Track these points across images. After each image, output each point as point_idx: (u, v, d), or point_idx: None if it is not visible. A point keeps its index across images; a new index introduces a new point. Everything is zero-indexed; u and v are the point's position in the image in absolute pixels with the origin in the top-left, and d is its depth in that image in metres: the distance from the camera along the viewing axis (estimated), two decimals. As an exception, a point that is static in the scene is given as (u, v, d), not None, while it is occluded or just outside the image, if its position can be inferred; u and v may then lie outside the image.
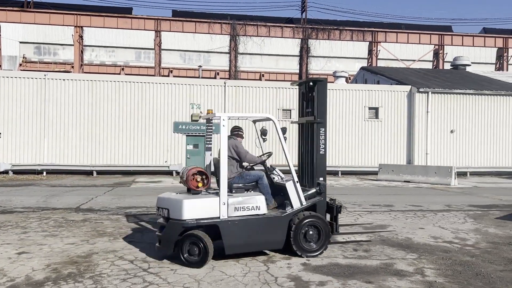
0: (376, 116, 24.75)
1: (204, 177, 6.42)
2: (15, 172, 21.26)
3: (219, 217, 6.05)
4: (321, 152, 7.23)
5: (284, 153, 6.74)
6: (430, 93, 24.62)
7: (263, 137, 7.76)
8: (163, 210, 6.28)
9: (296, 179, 6.69)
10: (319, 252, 6.55)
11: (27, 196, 13.32)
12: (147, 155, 22.62)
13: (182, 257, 6.02)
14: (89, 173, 21.90)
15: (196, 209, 6.02)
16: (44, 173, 21.47)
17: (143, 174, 22.27)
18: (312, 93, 7.20)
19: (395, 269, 6.02)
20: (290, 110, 23.97)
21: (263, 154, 7.37)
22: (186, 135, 22.95)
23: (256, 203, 6.33)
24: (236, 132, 7.35)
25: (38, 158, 21.72)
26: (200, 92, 23.30)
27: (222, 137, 6.54)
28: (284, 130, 6.97)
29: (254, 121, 8.17)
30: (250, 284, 5.31)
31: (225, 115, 6.43)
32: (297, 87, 7.87)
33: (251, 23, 36.62)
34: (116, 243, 7.29)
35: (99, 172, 21.94)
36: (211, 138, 7.44)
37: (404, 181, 20.73)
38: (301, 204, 6.63)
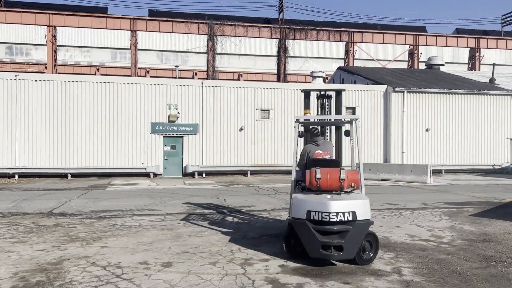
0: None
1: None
2: (-15, 176, 20.54)
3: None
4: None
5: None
6: (405, 92, 24.98)
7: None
8: (344, 214, 5.85)
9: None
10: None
11: (-4, 201, 12.85)
12: (123, 157, 22.20)
13: (361, 257, 6.05)
14: (63, 176, 21.35)
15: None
16: (16, 176, 20.83)
17: (119, 176, 21.85)
18: (330, 101, 8.40)
19: (373, 268, 6.01)
20: (268, 110, 23.93)
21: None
22: (163, 136, 22.65)
23: None
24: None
25: (10, 162, 21.03)
26: (177, 93, 23.02)
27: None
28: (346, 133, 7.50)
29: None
30: (227, 288, 5.20)
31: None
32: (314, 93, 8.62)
33: (229, 23, 36.49)
34: (89, 249, 7.07)
35: (74, 175, 21.42)
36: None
37: (381, 180, 20.97)
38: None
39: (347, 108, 24.86)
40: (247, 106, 23.75)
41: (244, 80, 43.00)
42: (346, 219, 5.85)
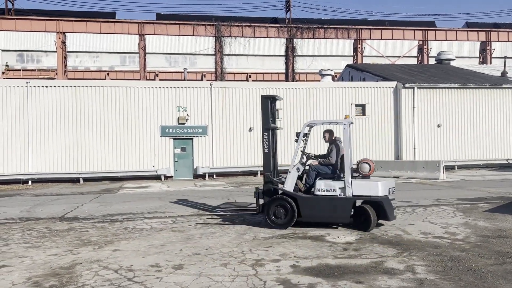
0: (363, 113, 24.77)
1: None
2: (0, 182, 20.82)
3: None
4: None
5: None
6: (416, 88, 24.73)
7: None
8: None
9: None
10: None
11: (10, 207, 13.00)
12: (134, 160, 22.33)
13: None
14: (75, 180, 21.55)
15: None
16: (30, 182, 21.07)
17: (131, 179, 21.97)
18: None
19: (386, 267, 5.94)
20: (278, 110, 23.85)
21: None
22: (173, 139, 22.74)
23: None
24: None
25: (23, 167, 21.29)
26: (186, 95, 23.09)
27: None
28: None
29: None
30: (238, 289, 5.17)
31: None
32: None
33: (236, 24, 36.48)
34: (101, 252, 7.10)
35: (86, 180, 21.60)
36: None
37: (393, 177, 20.76)
38: None
39: (356, 105, 24.71)
40: (257, 106, 23.69)
41: (252, 80, 43.01)
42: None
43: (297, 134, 9.06)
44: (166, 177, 22.33)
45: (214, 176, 22.71)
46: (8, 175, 20.88)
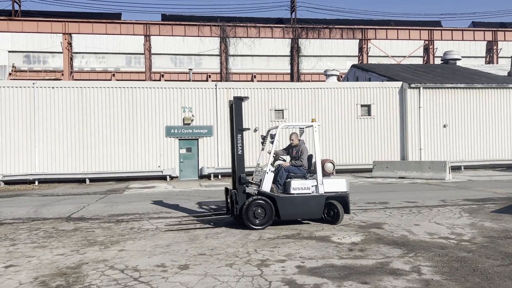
0: (369, 113, 24.71)
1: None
2: (7, 183, 20.99)
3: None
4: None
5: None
6: (421, 88, 24.64)
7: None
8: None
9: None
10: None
11: (17, 207, 13.10)
12: (140, 161, 22.42)
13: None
14: (81, 181, 21.68)
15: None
16: (36, 182, 21.22)
17: (136, 180, 22.07)
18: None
19: (391, 268, 5.92)
20: (283, 110, 23.89)
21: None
22: (179, 139, 22.80)
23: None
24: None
25: (30, 168, 21.45)
26: (191, 96, 23.15)
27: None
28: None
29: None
30: (244, 289, 5.18)
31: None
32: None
33: (241, 24, 36.52)
34: (107, 252, 7.14)
35: (92, 180, 21.72)
36: None
37: (399, 178, 20.71)
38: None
39: (362, 105, 24.66)
40: (261, 107, 23.73)
41: (257, 81, 43.03)
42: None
43: (264, 137, 9.67)
44: (172, 178, 22.40)
45: (219, 177, 22.74)
46: (15, 175, 21.05)
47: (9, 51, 45.75)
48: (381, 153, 24.50)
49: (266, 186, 8.87)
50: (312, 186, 8.94)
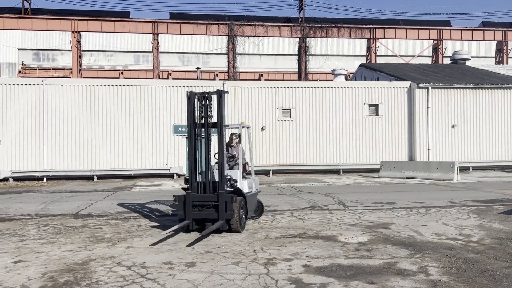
0: (377, 113, 24.61)
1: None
2: (16, 179, 21.19)
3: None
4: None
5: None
6: (430, 88, 24.48)
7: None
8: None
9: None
10: None
11: (26, 203, 13.23)
12: (147, 159, 22.53)
13: None
14: (89, 178, 21.82)
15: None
16: (45, 179, 21.40)
17: (144, 177, 22.18)
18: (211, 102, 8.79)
19: (398, 268, 5.90)
20: (290, 109, 23.86)
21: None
22: (186, 137, 22.83)
23: None
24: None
25: (38, 165, 21.64)
26: (199, 94, 23.15)
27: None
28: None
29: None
30: (250, 288, 5.19)
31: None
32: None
33: (249, 23, 36.53)
34: (114, 249, 7.19)
35: (100, 177, 21.85)
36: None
37: (406, 178, 20.60)
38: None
39: (370, 105, 24.57)
40: (268, 106, 23.73)
41: (265, 79, 43.00)
42: None
43: (229, 139, 9.78)
44: (179, 176, 22.47)
45: (226, 175, 22.74)
46: (24, 172, 21.25)
47: (18, 49, 46.13)
48: (388, 153, 24.39)
49: (241, 186, 8.86)
50: (254, 184, 9.46)
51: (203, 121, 8.60)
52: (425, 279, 5.45)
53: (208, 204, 8.21)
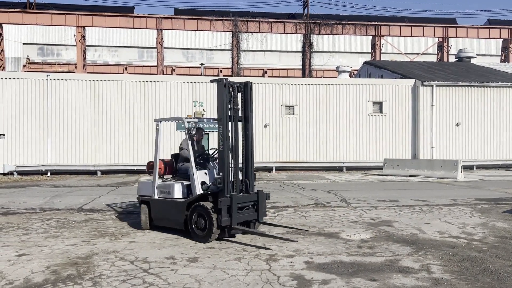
0: (381, 111, 24.54)
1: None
2: (20, 173, 21.31)
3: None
4: (220, 149, 8.08)
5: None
6: (434, 86, 24.38)
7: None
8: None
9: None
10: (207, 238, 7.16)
11: (30, 197, 13.30)
12: (151, 154, 22.49)
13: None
14: (93, 173, 21.90)
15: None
16: (49, 173, 21.50)
17: (147, 173, 22.17)
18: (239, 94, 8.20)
19: (400, 265, 5.90)
20: (293, 106, 23.83)
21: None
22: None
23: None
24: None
25: (42, 159, 21.74)
26: (202, 90, 23.21)
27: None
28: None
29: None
30: (252, 283, 5.21)
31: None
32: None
33: (253, 19, 36.43)
34: (117, 244, 7.22)
35: (103, 172, 21.93)
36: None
37: (410, 176, 20.56)
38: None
39: (374, 102, 24.50)
40: (272, 102, 23.70)
41: (269, 76, 42.96)
42: None
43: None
44: (182, 171, 22.48)
45: (229, 171, 22.76)
46: (28, 166, 21.35)
47: (23, 43, 46.28)
48: (392, 150, 24.33)
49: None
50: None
51: (233, 114, 7.92)
52: (427, 277, 5.44)
53: (247, 205, 7.53)
